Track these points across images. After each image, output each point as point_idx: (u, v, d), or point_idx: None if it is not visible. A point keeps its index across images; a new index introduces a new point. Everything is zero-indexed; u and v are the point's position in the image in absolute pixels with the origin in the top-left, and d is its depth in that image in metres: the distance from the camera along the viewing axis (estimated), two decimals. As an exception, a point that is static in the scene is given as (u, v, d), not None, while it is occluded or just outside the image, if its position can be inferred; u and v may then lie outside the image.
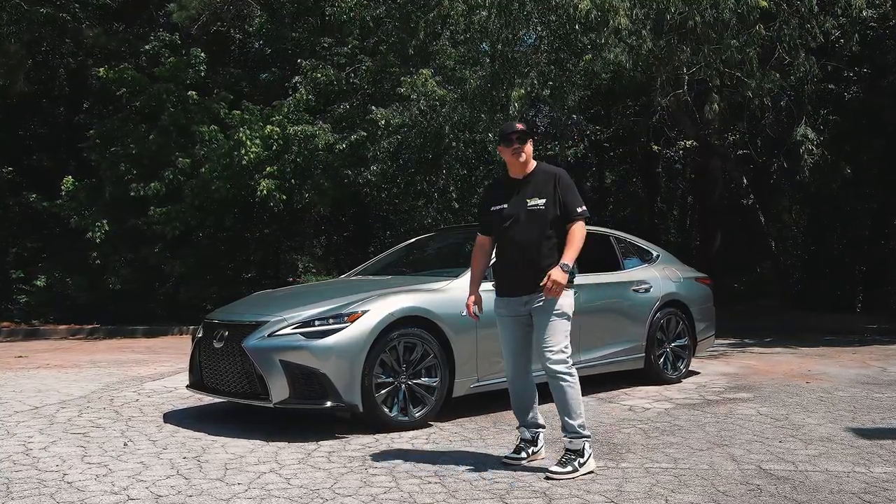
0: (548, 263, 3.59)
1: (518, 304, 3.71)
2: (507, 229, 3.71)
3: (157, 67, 11.60)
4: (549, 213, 3.65)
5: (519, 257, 3.67)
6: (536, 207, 3.66)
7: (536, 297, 3.62)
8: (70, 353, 8.52)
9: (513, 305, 3.73)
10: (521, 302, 3.69)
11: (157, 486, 3.33)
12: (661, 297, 6.09)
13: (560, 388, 3.59)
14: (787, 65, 8.81)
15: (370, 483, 3.40)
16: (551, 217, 3.65)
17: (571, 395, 3.59)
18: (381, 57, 11.70)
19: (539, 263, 3.61)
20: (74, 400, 5.38)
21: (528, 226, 3.65)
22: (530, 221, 3.66)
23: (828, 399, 5.41)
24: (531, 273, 3.62)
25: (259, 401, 4.39)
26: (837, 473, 3.54)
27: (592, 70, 8.56)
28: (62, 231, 12.51)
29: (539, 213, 3.65)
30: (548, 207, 3.65)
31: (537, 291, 3.60)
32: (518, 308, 3.71)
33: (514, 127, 3.75)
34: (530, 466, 3.71)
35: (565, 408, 3.60)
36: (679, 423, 4.62)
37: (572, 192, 3.71)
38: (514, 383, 3.82)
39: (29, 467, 3.64)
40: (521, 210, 3.68)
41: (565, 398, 3.59)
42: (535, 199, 3.67)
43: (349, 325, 4.35)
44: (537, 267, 3.60)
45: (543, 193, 3.67)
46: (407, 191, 10.88)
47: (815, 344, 8.97)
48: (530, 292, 3.64)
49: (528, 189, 3.71)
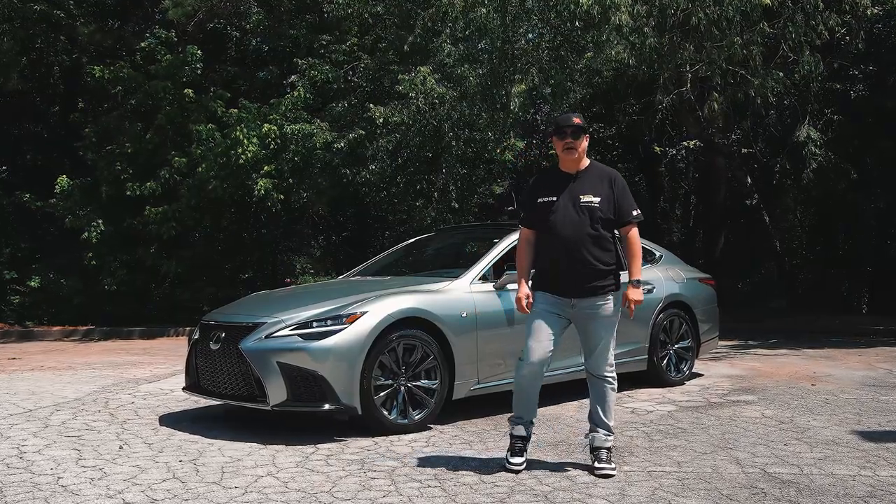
0: (596, 265, 3.55)
1: (565, 305, 3.62)
2: (554, 224, 3.58)
3: (153, 65, 11.53)
4: (602, 213, 3.58)
5: (564, 254, 3.57)
6: (590, 204, 3.57)
7: (588, 302, 3.57)
8: (64, 355, 8.47)
9: (558, 305, 3.63)
10: (569, 304, 3.61)
11: (153, 490, 3.31)
12: (664, 298, 6.03)
13: (605, 392, 3.68)
14: (791, 63, 8.77)
15: (369, 487, 3.37)
16: (604, 216, 3.58)
17: (612, 397, 3.71)
18: (380, 54, 11.64)
19: (587, 265, 3.54)
20: (69, 402, 5.35)
21: (579, 222, 3.56)
22: (581, 218, 3.56)
23: (833, 401, 5.38)
24: (579, 273, 3.55)
25: (256, 403, 4.35)
26: (843, 477, 3.51)
27: (594, 67, 8.51)
28: (56, 231, 12.44)
29: (592, 211, 3.57)
30: (602, 206, 3.58)
31: (587, 297, 3.56)
32: (563, 308, 3.63)
33: (570, 120, 3.65)
34: (530, 468, 3.66)
35: (607, 409, 3.69)
36: (682, 426, 4.59)
37: (628, 194, 3.67)
38: (533, 377, 3.64)
39: (23, 471, 3.62)
40: (573, 205, 3.58)
41: (609, 401, 3.69)
42: (590, 196, 3.59)
43: (348, 326, 4.31)
44: (587, 267, 3.54)
45: (598, 192, 3.60)
46: (406, 190, 10.82)
47: (821, 346, 8.93)
48: (580, 296, 3.58)
49: (582, 185, 3.62)
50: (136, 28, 13.91)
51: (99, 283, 11.31)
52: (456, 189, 10.60)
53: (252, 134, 10.68)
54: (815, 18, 8.32)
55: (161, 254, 11.48)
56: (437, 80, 10.08)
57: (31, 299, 11.71)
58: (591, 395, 3.74)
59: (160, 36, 11.72)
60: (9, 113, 13.81)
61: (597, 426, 3.70)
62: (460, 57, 9.81)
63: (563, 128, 3.63)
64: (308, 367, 4.22)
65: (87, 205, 11.41)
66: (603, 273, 3.57)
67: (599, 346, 3.63)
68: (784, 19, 8.38)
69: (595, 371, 3.68)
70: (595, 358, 3.66)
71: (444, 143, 10.32)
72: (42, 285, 11.68)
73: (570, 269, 3.55)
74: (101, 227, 11.03)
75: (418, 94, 9.88)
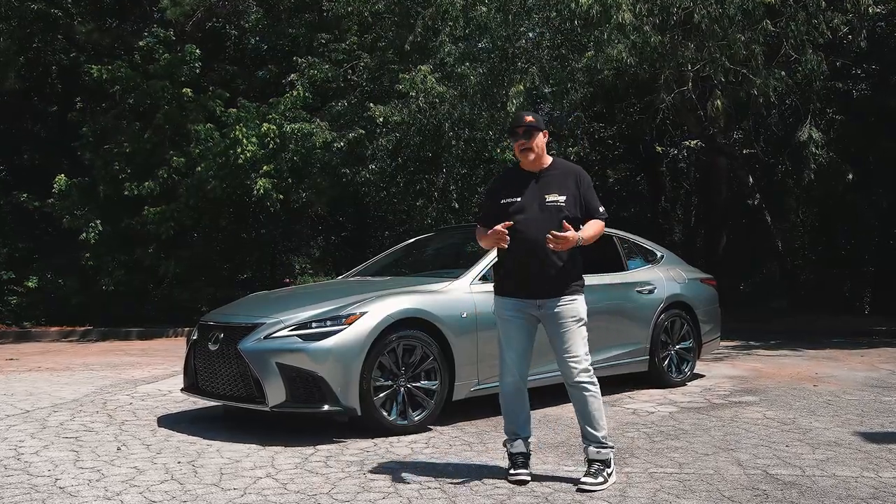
0: (562, 266, 3.45)
1: (530, 307, 3.52)
2: (518, 224, 3.47)
3: (152, 64, 11.49)
4: (568, 211, 3.48)
5: (529, 256, 3.46)
6: (556, 203, 3.47)
7: (554, 302, 3.46)
8: (62, 356, 8.44)
9: (524, 308, 3.54)
10: (535, 305, 3.51)
11: (151, 492, 3.29)
12: (665, 299, 6.01)
13: (584, 399, 3.47)
14: (793, 62, 8.74)
15: (368, 488, 3.35)
16: (570, 215, 3.47)
17: (595, 405, 3.47)
18: (380, 53, 11.60)
19: (553, 265, 3.45)
20: (67, 403, 5.33)
21: (544, 222, 3.44)
22: (546, 217, 3.46)
23: (836, 402, 5.36)
24: (544, 274, 3.46)
25: (255, 404, 4.33)
26: (845, 478, 3.49)
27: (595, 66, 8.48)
28: (54, 231, 12.41)
29: (557, 210, 3.47)
30: (568, 205, 3.49)
31: (552, 296, 3.46)
32: (529, 311, 3.53)
33: (522, 120, 3.55)
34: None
35: (589, 418, 3.47)
36: (684, 427, 4.57)
37: (593, 192, 3.58)
38: (516, 391, 3.60)
39: (20, 472, 3.60)
40: (538, 205, 3.49)
41: (589, 408, 3.47)
42: (555, 195, 3.49)
43: (347, 327, 4.29)
44: (552, 269, 3.45)
45: (564, 190, 3.50)
46: (406, 190, 10.79)
47: (823, 346, 8.92)
48: (546, 296, 3.47)
49: (547, 184, 3.53)
50: (134, 27, 13.87)
51: (97, 283, 11.29)
52: (456, 189, 10.57)
53: (251, 133, 10.66)
54: (818, 17, 8.29)
55: (159, 254, 11.45)
56: (437, 79, 10.04)
57: (29, 300, 11.69)
58: (573, 405, 3.53)
59: (158, 35, 11.69)
60: (6, 112, 13.77)
61: (586, 438, 3.49)
62: (460, 56, 9.79)
63: (514, 128, 3.55)
64: (307, 367, 4.20)
65: (85, 205, 11.39)
66: (569, 272, 3.47)
67: (569, 350, 3.45)
68: (786, 18, 8.35)
69: (569, 379, 3.47)
70: (565, 364, 3.46)
71: (444, 143, 10.30)
72: (40, 286, 11.66)
73: (536, 269, 3.45)
74: (98, 227, 11.01)
75: (418, 94, 9.85)
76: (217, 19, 13.31)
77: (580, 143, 11.15)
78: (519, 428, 3.60)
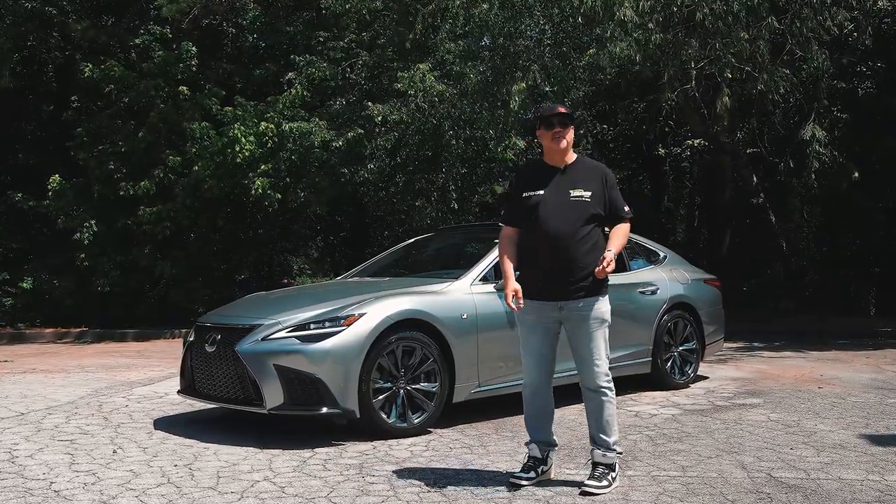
0: (586, 264, 3.34)
1: (551, 310, 3.41)
2: (541, 219, 3.38)
3: (147, 62, 11.42)
4: (593, 208, 3.40)
5: (552, 253, 3.37)
6: (581, 199, 3.38)
7: (577, 304, 3.37)
8: (57, 358, 8.41)
9: (545, 310, 3.43)
10: (556, 307, 3.40)
11: (147, 495, 3.27)
12: (668, 300, 5.96)
13: (600, 404, 3.41)
14: (798, 59, 8.68)
15: (367, 492, 3.33)
16: (595, 213, 3.40)
17: (611, 410, 3.42)
18: (379, 51, 11.55)
19: (577, 263, 3.34)
20: (62, 406, 5.30)
21: (568, 218, 3.36)
22: (571, 213, 3.37)
23: (840, 405, 5.33)
24: (567, 274, 3.35)
25: (253, 407, 4.30)
26: (851, 482, 3.47)
27: (597, 65, 8.43)
28: (49, 231, 12.34)
29: (582, 206, 3.38)
30: (593, 202, 3.41)
31: (575, 297, 3.36)
32: (551, 313, 3.42)
33: (556, 109, 3.48)
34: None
35: (602, 424, 3.41)
36: (687, 430, 4.55)
37: (618, 191, 3.51)
38: (537, 396, 3.52)
39: (15, 475, 3.58)
40: (562, 200, 3.40)
41: (605, 414, 3.41)
42: (580, 191, 3.40)
43: (346, 328, 4.26)
44: (575, 267, 3.35)
45: (589, 186, 3.42)
46: (405, 190, 10.75)
47: (828, 347, 8.88)
48: (567, 298, 3.37)
49: (572, 178, 3.44)
50: (130, 24, 13.81)
51: (92, 284, 11.23)
52: (456, 188, 10.53)
53: (249, 132, 10.60)
54: (823, 13, 8.22)
55: (155, 254, 11.39)
56: (436, 77, 10.01)
57: (23, 301, 11.62)
58: (587, 409, 3.46)
59: (154, 32, 11.63)
60: (1, 112, 13.69)
61: (595, 443, 3.44)
62: (461, 54, 9.75)
63: (549, 117, 3.44)
64: (305, 369, 4.17)
65: (80, 205, 11.34)
66: (584, 269, 3.35)
67: (592, 353, 3.36)
68: (791, 14, 8.28)
69: (590, 384, 3.40)
70: (588, 367, 3.39)
71: (443, 142, 10.27)
72: (34, 286, 11.58)
73: (558, 268, 3.36)
74: (94, 227, 10.95)
75: (418, 92, 9.82)
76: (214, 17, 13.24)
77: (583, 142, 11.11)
78: (533, 431, 3.55)
